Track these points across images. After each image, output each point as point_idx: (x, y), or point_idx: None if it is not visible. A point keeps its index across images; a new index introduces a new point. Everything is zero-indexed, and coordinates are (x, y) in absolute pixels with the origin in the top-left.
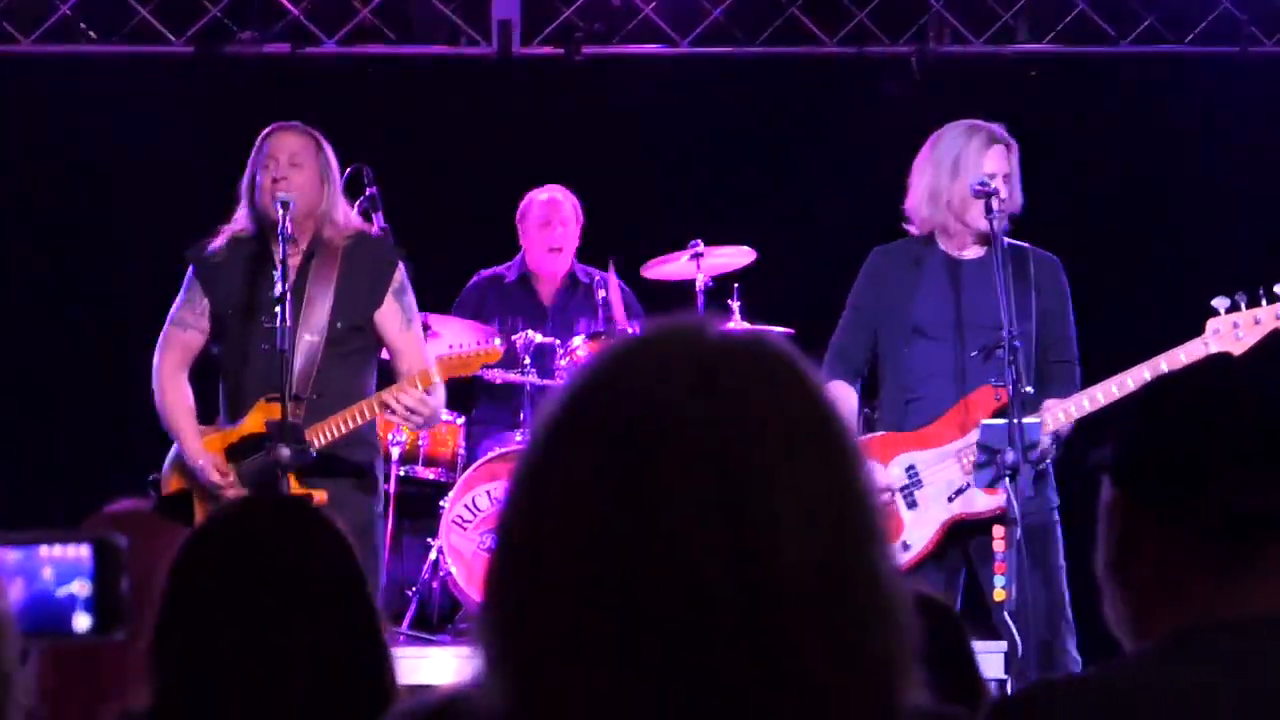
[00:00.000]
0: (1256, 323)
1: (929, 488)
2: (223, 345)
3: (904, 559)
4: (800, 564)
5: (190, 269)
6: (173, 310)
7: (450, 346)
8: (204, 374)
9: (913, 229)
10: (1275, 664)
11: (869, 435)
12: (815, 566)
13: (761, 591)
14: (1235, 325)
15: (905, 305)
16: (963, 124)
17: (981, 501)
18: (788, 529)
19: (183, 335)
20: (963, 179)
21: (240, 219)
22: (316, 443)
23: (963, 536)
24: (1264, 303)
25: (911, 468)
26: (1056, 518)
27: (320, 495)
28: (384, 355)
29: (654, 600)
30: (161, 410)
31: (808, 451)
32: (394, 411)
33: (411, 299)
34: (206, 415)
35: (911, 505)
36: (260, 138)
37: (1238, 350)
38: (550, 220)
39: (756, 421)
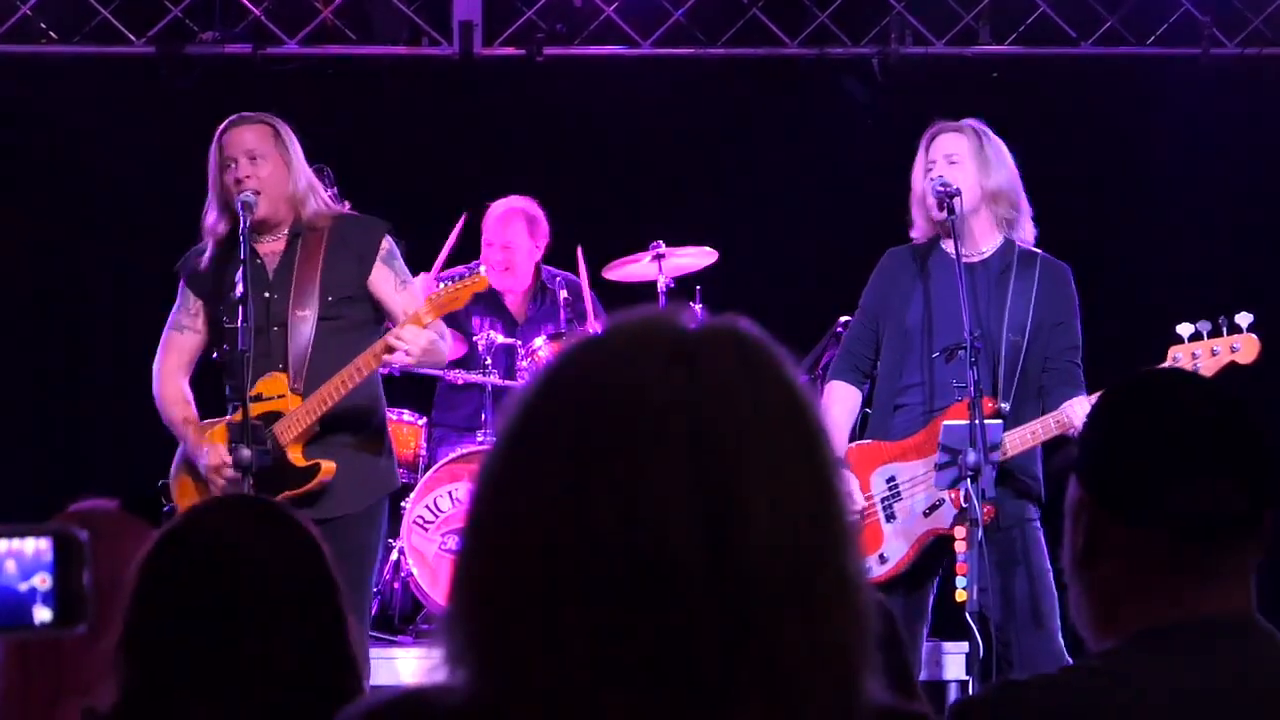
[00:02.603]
0: (1214, 354)
1: (906, 501)
2: (223, 345)
3: (881, 571)
4: (771, 547)
5: (181, 279)
6: (170, 316)
7: (438, 282)
8: (204, 375)
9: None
10: (1234, 663)
11: (855, 443)
12: (785, 550)
13: (732, 574)
14: (1195, 355)
15: (903, 309)
16: None
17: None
18: (759, 511)
19: (180, 338)
20: (917, 172)
21: (213, 220)
22: (318, 411)
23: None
24: (1225, 333)
25: (892, 479)
26: (1037, 520)
27: (329, 466)
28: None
29: (626, 582)
30: (161, 407)
31: (781, 435)
32: (393, 347)
33: (403, 264)
34: (210, 415)
35: (890, 518)
36: (216, 135)
37: None
38: (493, 242)
39: (731, 403)
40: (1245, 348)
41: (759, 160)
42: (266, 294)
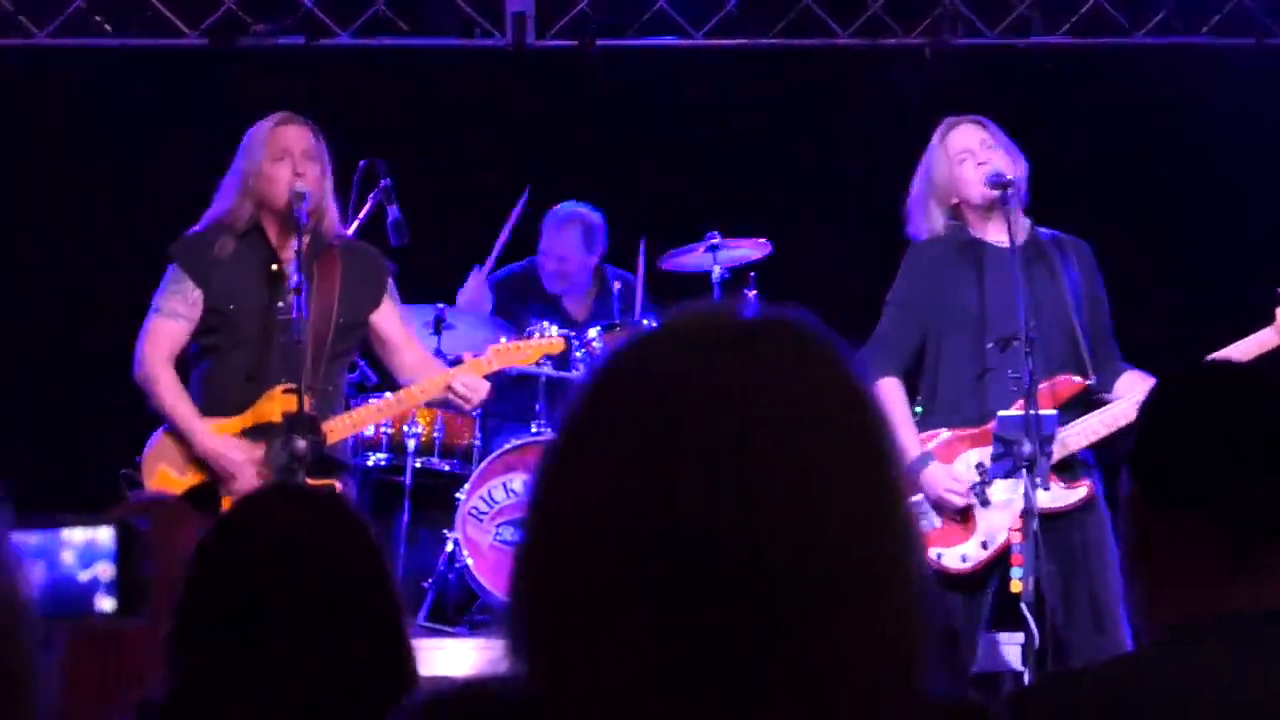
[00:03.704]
0: None
1: (999, 484)
2: (215, 338)
3: (982, 557)
4: (827, 544)
5: (174, 264)
6: (158, 301)
7: (504, 339)
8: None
9: (923, 234)
10: None
11: (930, 436)
12: (840, 547)
13: (774, 572)
14: None
15: (964, 297)
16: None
17: (1061, 497)
18: (816, 508)
19: (174, 326)
20: (943, 167)
21: (229, 211)
22: (349, 431)
23: None
24: None
25: (980, 465)
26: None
27: (336, 486)
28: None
29: (667, 582)
30: (161, 400)
31: (836, 428)
32: (455, 393)
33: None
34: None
35: (985, 503)
36: (264, 128)
37: None
38: (549, 252)
39: (784, 396)
40: None
41: (811, 151)
42: (281, 304)
